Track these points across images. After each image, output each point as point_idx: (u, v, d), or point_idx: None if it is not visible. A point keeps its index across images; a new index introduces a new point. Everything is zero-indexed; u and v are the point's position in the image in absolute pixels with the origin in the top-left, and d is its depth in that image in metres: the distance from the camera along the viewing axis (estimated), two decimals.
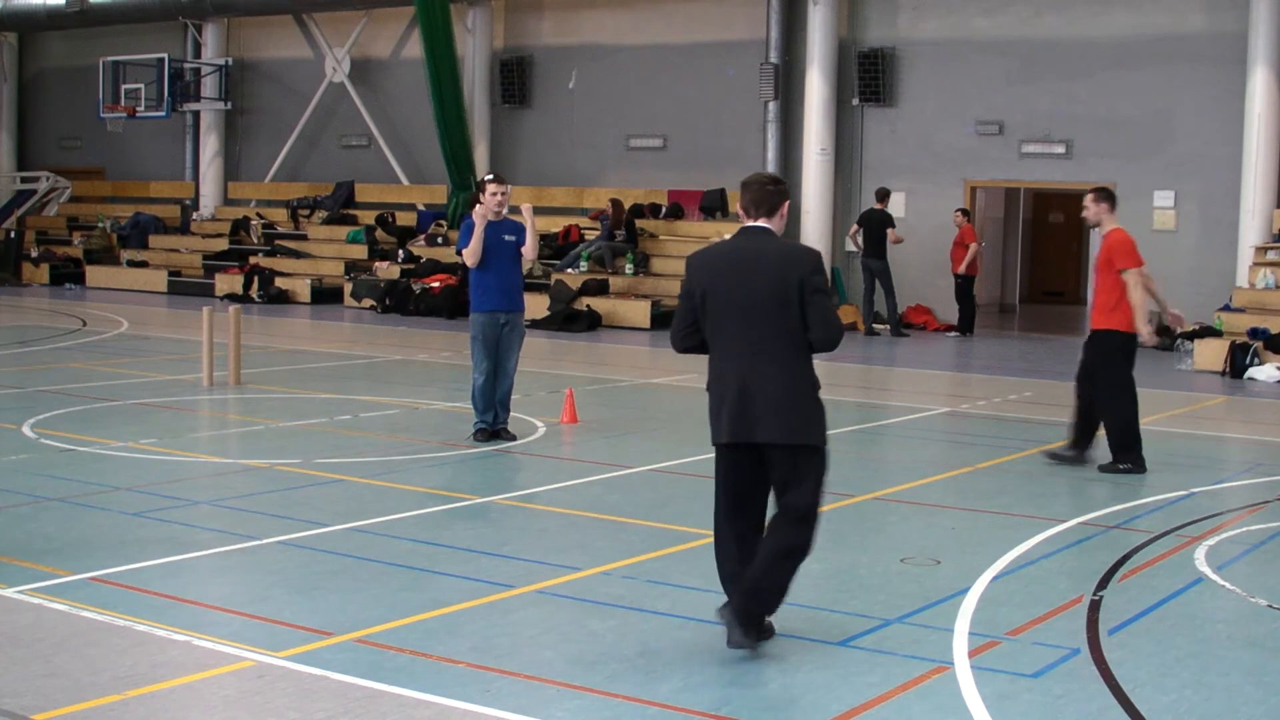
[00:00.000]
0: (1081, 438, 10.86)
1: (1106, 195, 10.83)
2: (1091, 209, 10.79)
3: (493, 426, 11.34)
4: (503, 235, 11.21)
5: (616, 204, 23.83)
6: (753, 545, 6.08)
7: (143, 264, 28.82)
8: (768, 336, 5.94)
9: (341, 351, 18.15)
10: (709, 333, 6.09)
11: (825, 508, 8.19)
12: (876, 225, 21.62)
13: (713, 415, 6.09)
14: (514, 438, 11.40)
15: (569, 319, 21.75)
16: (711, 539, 6.28)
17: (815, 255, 6.10)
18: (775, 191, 6.13)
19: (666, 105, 25.19)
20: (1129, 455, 10.55)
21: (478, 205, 11.22)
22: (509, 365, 11.35)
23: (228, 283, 26.19)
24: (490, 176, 11.39)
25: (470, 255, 11.08)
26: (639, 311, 22.05)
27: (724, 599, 6.15)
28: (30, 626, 6.22)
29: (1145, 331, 10.53)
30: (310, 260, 26.95)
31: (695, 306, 6.11)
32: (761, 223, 6.11)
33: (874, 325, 21.85)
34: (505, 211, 11.27)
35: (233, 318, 14.60)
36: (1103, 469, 10.59)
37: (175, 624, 6.28)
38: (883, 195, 21.96)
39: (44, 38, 33.08)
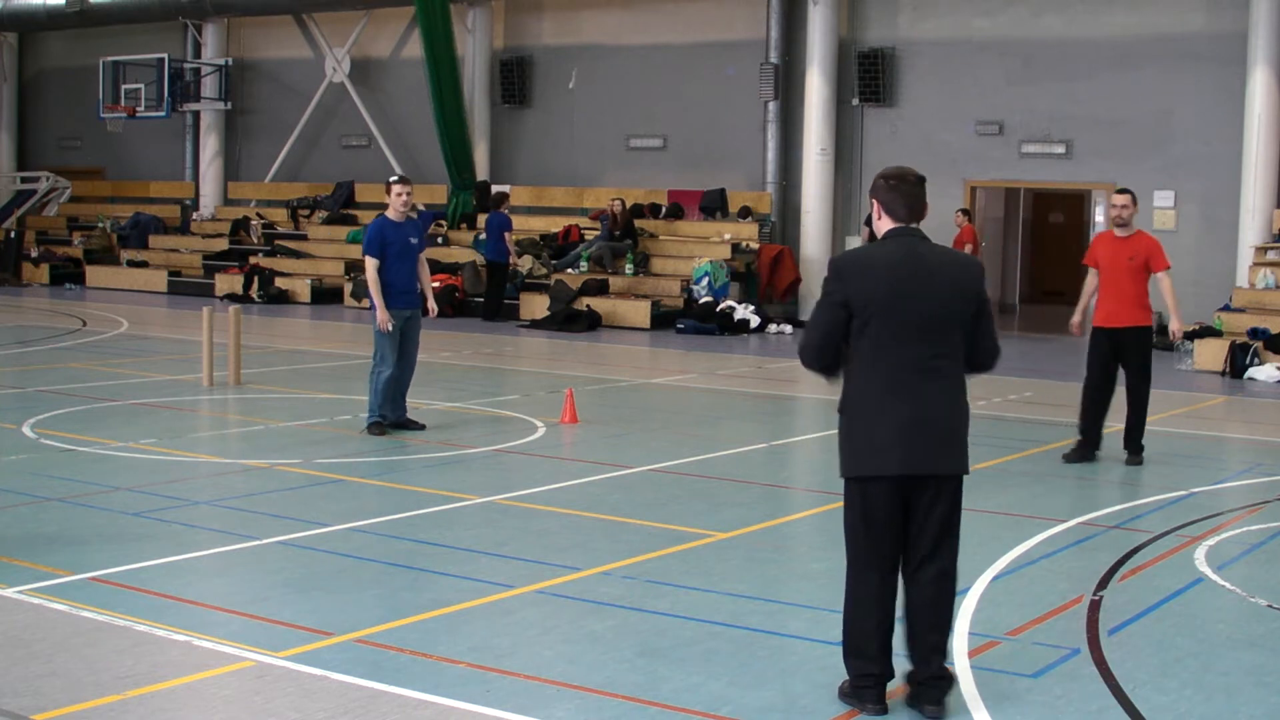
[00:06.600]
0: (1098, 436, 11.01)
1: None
2: (1131, 209, 10.92)
3: (400, 419, 11.67)
4: (408, 237, 11.58)
5: (623, 205, 23.72)
6: (894, 596, 5.45)
7: (143, 264, 28.81)
8: (942, 355, 5.37)
9: (341, 351, 18.14)
10: (866, 349, 5.36)
11: (826, 508, 8.16)
12: None
13: (867, 445, 5.35)
14: (423, 427, 11.71)
15: (569, 319, 21.74)
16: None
17: (981, 266, 5.70)
18: (923, 192, 5.62)
19: (666, 105, 25.19)
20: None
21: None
22: (414, 358, 11.84)
23: (228, 283, 26.18)
24: (395, 178, 11.73)
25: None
26: (639, 311, 22.04)
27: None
28: (30, 626, 6.21)
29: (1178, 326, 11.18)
30: (310, 260, 26.94)
31: (847, 319, 5.37)
32: (914, 226, 5.59)
33: None
34: (409, 212, 11.71)
35: (233, 318, 14.59)
36: (1133, 462, 10.82)
37: (175, 624, 6.27)
38: None
39: (44, 38, 33.09)
